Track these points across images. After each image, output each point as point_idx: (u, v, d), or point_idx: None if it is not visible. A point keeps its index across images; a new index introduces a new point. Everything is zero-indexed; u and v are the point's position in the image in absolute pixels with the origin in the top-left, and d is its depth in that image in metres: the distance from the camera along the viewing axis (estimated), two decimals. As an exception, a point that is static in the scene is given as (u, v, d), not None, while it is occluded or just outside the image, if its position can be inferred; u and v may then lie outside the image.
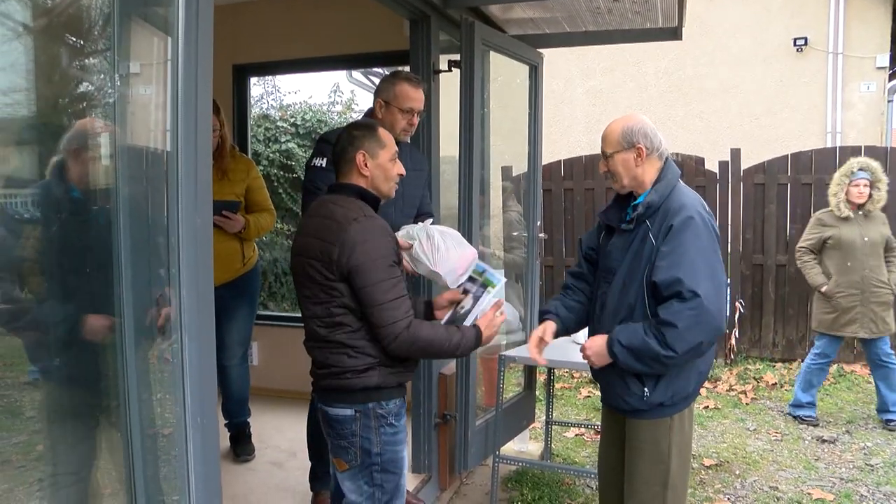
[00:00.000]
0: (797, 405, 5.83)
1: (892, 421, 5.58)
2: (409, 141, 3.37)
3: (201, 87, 1.89)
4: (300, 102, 8.04)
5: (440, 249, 2.76)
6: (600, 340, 2.65)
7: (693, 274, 2.44)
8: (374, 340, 2.48)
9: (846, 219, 5.59)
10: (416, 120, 3.25)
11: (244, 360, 4.35)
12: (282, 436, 4.73)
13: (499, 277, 2.74)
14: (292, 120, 7.43)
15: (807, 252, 5.78)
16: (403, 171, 2.67)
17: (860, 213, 5.59)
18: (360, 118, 3.48)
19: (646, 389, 2.63)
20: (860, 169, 5.58)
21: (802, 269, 5.83)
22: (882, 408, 5.68)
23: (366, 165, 2.56)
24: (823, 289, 5.62)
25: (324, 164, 3.09)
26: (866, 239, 5.54)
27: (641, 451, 2.71)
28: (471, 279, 2.79)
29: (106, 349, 2.06)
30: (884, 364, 5.53)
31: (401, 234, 2.81)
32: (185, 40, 1.84)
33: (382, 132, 2.63)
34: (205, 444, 1.97)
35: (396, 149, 2.66)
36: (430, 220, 2.91)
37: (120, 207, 1.92)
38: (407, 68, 3.95)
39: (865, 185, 5.53)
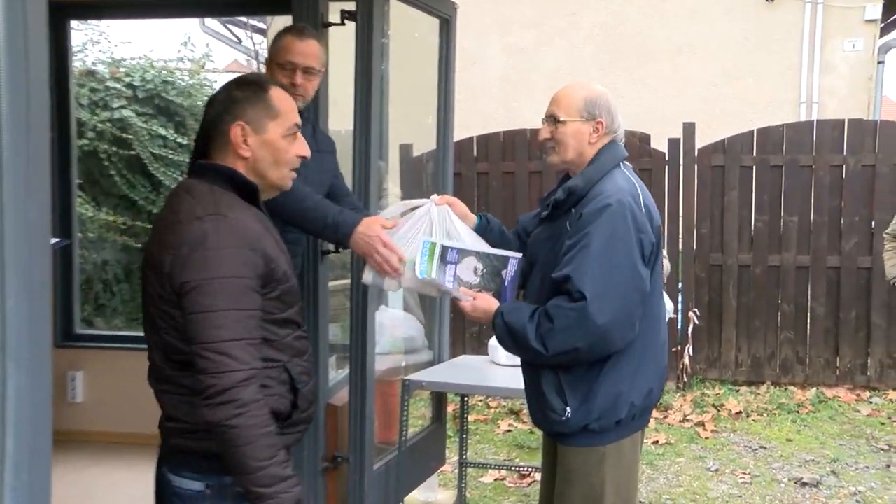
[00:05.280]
0: None
1: None
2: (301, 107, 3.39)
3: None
4: (139, 57, 7.86)
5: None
6: (491, 302, 2.88)
7: (583, 272, 2.63)
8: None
9: None
10: (301, 80, 3.26)
11: None
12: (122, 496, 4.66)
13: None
14: (128, 80, 7.23)
15: (891, 239, 6.04)
16: (307, 153, 2.39)
17: None
18: None
19: (567, 408, 2.78)
20: None
21: (885, 257, 6.11)
22: None
23: (245, 143, 2.23)
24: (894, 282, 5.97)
25: None
26: None
27: (570, 483, 2.86)
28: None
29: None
30: None
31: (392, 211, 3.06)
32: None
33: (277, 95, 2.31)
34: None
35: (297, 120, 2.36)
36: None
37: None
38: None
39: None
